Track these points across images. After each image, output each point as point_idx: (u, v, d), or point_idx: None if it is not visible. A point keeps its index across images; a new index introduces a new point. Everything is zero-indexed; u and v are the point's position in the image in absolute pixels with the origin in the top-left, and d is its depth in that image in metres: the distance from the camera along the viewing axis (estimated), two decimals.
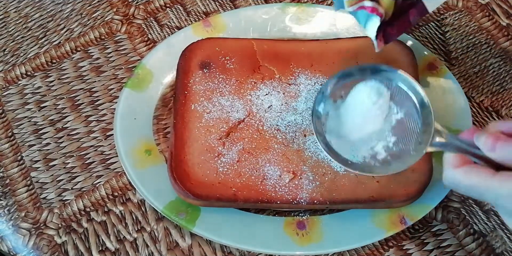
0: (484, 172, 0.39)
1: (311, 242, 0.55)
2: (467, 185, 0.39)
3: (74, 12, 0.72)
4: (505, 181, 0.37)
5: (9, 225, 0.59)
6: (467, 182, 0.39)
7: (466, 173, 0.39)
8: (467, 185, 0.39)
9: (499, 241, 0.57)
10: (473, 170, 0.39)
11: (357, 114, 0.48)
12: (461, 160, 0.40)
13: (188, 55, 0.60)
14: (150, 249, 0.57)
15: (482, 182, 0.38)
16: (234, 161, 0.55)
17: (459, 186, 0.40)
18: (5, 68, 0.68)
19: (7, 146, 0.63)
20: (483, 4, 0.70)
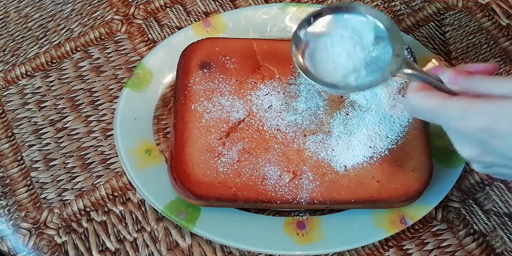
0: (441, 94, 0.41)
1: (311, 242, 0.55)
2: (425, 107, 0.41)
3: (74, 12, 0.72)
4: (457, 102, 0.39)
5: (9, 225, 0.59)
6: (425, 103, 0.41)
7: (425, 95, 0.41)
8: (424, 107, 0.41)
9: (499, 241, 0.57)
10: (432, 93, 0.41)
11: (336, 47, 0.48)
12: (423, 86, 0.42)
13: (188, 55, 0.60)
14: (150, 249, 0.57)
15: (438, 103, 0.40)
16: (234, 161, 0.55)
17: (417, 109, 0.42)
18: (5, 68, 0.68)
19: (7, 146, 0.63)
20: (483, 4, 0.70)
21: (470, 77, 0.41)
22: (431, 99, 0.41)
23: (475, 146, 0.40)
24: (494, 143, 0.38)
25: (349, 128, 0.55)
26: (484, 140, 0.39)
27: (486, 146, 0.39)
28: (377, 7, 0.70)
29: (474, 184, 0.59)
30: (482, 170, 0.43)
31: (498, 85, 0.39)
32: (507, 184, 0.59)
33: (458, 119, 0.39)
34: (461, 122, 0.39)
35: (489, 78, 0.40)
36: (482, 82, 0.40)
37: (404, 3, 0.71)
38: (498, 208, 0.58)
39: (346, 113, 0.56)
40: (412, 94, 0.42)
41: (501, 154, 0.39)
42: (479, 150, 0.40)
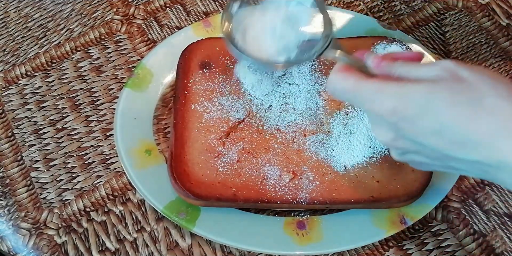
0: (360, 76, 0.41)
1: (311, 242, 0.55)
2: (343, 87, 0.41)
3: (74, 12, 0.72)
4: (371, 83, 0.39)
5: (9, 225, 0.59)
6: (344, 84, 0.41)
7: (345, 76, 0.41)
8: (342, 87, 0.41)
9: (499, 241, 0.57)
10: (351, 74, 0.41)
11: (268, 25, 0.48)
12: (346, 68, 0.42)
13: (188, 55, 0.60)
14: (150, 249, 0.57)
15: (355, 83, 0.40)
16: (234, 161, 0.55)
17: (336, 89, 0.42)
18: (5, 68, 0.68)
19: (7, 146, 0.63)
20: (483, 4, 0.70)
21: (392, 63, 0.41)
22: (349, 79, 0.41)
23: (388, 130, 0.40)
24: (404, 126, 0.38)
25: (349, 128, 0.55)
26: (395, 124, 0.38)
27: (398, 131, 0.39)
28: (377, 7, 0.70)
29: (474, 184, 0.59)
30: (399, 158, 0.43)
31: (415, 70, 0.39)
32: None
33: (371, 100, 0.39)
34: (373, 103, 0.39)
35: (409, 63, 0.40)
36: (402, 67, 0.40)
37: (404, 3, 0.71)
38: (498, 208, 0.58)
39: (346, 113, 0.56)
40: (334, 74, 0.42)
41: (412, 139, 0.39)
42: (392, 134, 0.40)
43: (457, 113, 0.36)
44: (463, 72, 0.37)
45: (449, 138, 0.36)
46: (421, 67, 0.39)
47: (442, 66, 0.38)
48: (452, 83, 0.37)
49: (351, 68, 0.42)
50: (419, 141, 0.38)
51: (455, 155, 0.37)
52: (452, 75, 0.37)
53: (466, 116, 0.35)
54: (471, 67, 0.38)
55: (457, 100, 0.36)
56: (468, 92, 0.36)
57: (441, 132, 0.36)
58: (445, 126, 0.36)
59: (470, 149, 0.36)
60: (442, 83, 0.37)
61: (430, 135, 0.37)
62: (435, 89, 0.37)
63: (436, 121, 0.36)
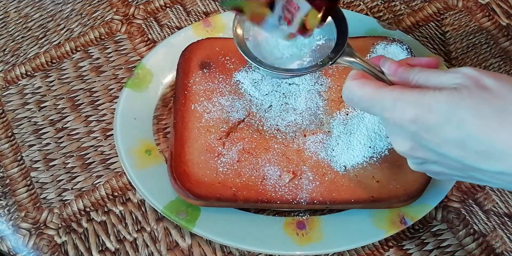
0: (378, 84, 0.40)
1: (311, 242, 0.55)
2: (360, 95, 0.40)
3: (74, 12, 0.72)
4: (390, 91, 0.39)
5: (9, 225, 0.59)
6: (361, 92, 0.40)
7: (362, 83, 0.41)
8: (360, 95, 0.40)
9: (499, 241, 0.57)
10: (369, 82, 0.41)
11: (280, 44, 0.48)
12: (363, 75, 0.42)
13: (188, 55, 0.60)
14: (150, 249, 0.57)
15: (373, 92, 0.40)
16: (234, 161, 0.55)
17: (353, 98, 0.41)
18: (5, 68, 0.68)
19: (7, 146, 0.63)
20: (483, 4, 0.70)
21: (410, 69, 0.40)
22: (366, 87, 0.40)
23: (407, 139, 0.39)
24: (425, 136, 0.37)
25: (349, 128, 0.55)
26: (416, 133, 0.37)
27: (417, 140, 0.38)
28: (377, 7, 0.70)
29: (474, 184, 0.59)
30: (416, 167, 0.42)
31: (435, 77, 0.38)
32: None
33: (390, 109, 0.38)
34: (392, 112, 0.38)
35: (428, 70, 0.40)
36: (421, 74, 0.39)
37: (404, 3, 0.71)
38: (498, 208, 0.58)
39: (346, 113, 0.56)
40: (350, 81, 0.42)
41: (432, 149, 0.38)
42: (411, 144, 0.39)
43: (483, 122, 0.35)
44: (486, 80, 0.36)
45: (473, 148, 0.35)
46: (442, 74, 0.38)
47: (464, 74, 0.37)
48: (476, 92, 0.36)
49: (367, 75, 0.42)
50: (440, 151, 0.37)
51: (479, 166, 0.36)
52: (475, 83, 0.36)
53: (492, 126, 0.34)
54: (494, 75, 0.37)
55: (482, 109, 0.35)
56: (493, 100, 0.35)
57: (465, 142, 0.35)
58: (469, 136, 0.35)
59: (495, 159, 0.35)
60: (465, 92, 0.36)
61: (453, 145, 0.36)
62: (459, 98, 0.36)
63: (460, 131, 0.35)
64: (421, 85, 0.39)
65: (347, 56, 0.45)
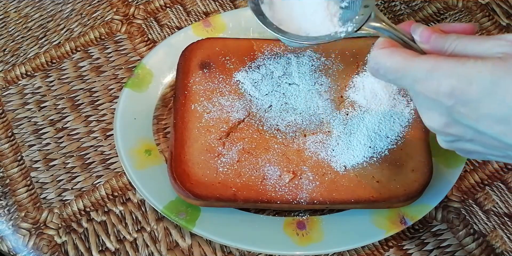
0: (408, 53, 0.36)
1: (311, 242, 0.55)
2: (388, 66, 0.37)
3: (74, 12, 0.72)
4: (423, 61, 0.35)
5: (9, 225, 0.59)
6: (389, 62, 0.37)
7: (391, 52, 0.37)
8: (387, 65, 0.37)
9: (499, 241, 0.57)
10: (398, 51, 0.37)
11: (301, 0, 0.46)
12: (391, 43, 0.38)
13: (188, 55, 0.60)
14: (150, 249, 0.57)
15: (403, 61, 0.36)
16: (234, 161, 0.55)
17: (380, 68, 0.38)
18: (5, 68, 0.68)
19: (7, 146, 0.63)
20: (483, 4, 0.70)
21: (445, 36, 0.37)
22: (395, 56, 0.36)
23: (441, 114, 0.35)
24: (462, 111, 0.34)
25: (349, 128, 0.55)
26: (452, 108, 0.34)
27: (454, 115, 0.35)
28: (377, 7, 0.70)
29: (474, 184, 0.59)
30: (447, 145, 0.39)
31: (474, 45, 0.34)
32: (507, 184, 0.59)
33: (423, 80, 0.35)
34: (426, 84, 0.35)
35: (466, 37, 0.36)
36: (458, 41, 0.35)
37: (404, 3, 0.71)
38: (498, 208, 0.58)
39: (346, 113, 0.56)
40: (377, 50, 0.38)
41: (469, 126, 0.34)
42: (445, 119, 0.35)
43: None
44: None
45: None
46: (483, 41, 0.34)
47: (510, 41, 0.33)
48: None
49: (395, 43, 0.38)
50: (479, 128, 0.34)
51: None
52: None
53: None
54: None
55: None
56: None
57: (509, 118, 0.32)
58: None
59: None
60: None
61: (494, 121, 0.33)
62: (505, 68, 0.32)
63: (504, 105, 0.32)
64: (458, 54, 0.35)
65: (373, 22, 0.40)
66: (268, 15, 0.45)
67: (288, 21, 0.46)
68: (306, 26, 0.45)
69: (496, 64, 0.32)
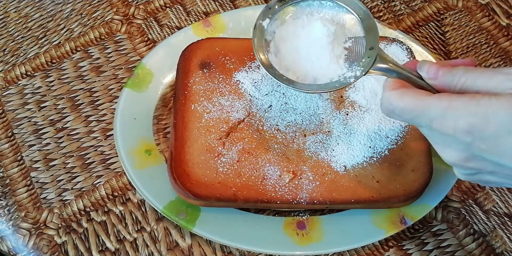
0: (420, 93, 0.37)
1: (311, 242, 0.55)
2: (402, 107, 0.37)
3: (74, 12, 0.72)
4: (438, 100, 0.35)
5: (9, 225, 0.59)
6: (402, 103, 0.37)
7: (402, 93, 0.37)
8: (401, 107, 0.37)
9: (499, 241, 0.57)
10: (409, 91, 0.37)
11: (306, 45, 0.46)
12: (400, 83, 0.39)
13: (188, 55, 0.60)
14: (150, 249, 0.57)
15: (416, 102, 0.36)
16: (234, 161, 0.55)
17: (394, 110, 0.38)
18: (5, 68, 0.68)
19: (7, 146, 0.63)
20: (483, 4, 0.70)
21: (452, 70, 0.37)
22: (408, 97, 0.37)
23: (460, 150, 0.36)
24: (482, 147, 0.34)
25: (349, 128, 0.55)
26: (471, 144, 0.35)
27: (473, 151, 0.35)
28: (377, 7, 0.70)
29: (474, 184, 0.59)
30: (467, 178, 0.39)
31: (484, 80, 0.35)
32: None
33: (439, 119, 0.35)
34: (443, 122, 0.35)
35: (473, 70, 0.36)
36: (466, 75, 0.36)
37: (404, 3, 0.71)
38: (498, 208, 0.58)
39: (346, 113, 0.56)
40: (388, 92, 0.38)
41: (490, 160, 0.35)
42: (464, 155, 0.36)
43: None
44: None
45: None
46: (491, 75, 0.35)
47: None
48: None
49: (405, 83, 0.38)
50: (501, 162, 0.34)
51: None
52: None
53: None
54: None
55: None
56: None
57: None
58: None
59: None
60: None
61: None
62: None
63: None
64: (469, 89, 0.35)
65: (380, 63, 0.41)
66: (274, 63, 0.46)
67: (295, 67, 0.46)
68: (313, 70, 0.46)
69: (509, 101, 0.33)
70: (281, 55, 0.47)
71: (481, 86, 0.35)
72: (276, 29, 0.48)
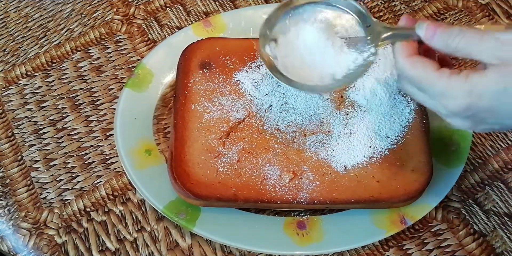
0: (429, 65, 0.40)
1: (311, 242, 0.55)
2: (411, 76, 0.41)
3: (74, 12, 0.72)
4: (439, 78, 0.39)
5: (9, 225, 0.59)
6: (412, 72, 0.40)
7: (413, 63, 0.41)
8: (410, 75, 0.41)
9: (499, 241, 0.57)
10: (419, 62, 0.40)
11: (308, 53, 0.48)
12: (411, 50, 0.41)
13: (188, 55, 0.60)
14: (150, 249, 0.57)
15: (424, 75, 0.40)
16: (234, 161, 0.55)
17: (406, 76, 0.41)
18: (5, 68, 0.68)
19: (7, 146, 0.63)
20: (483, 4, 0.70)
21: (448, 30, 0.39)
22: (419, 69, 0.40)
23: (465, 120, 0.40)
24: (483, 115, 0.39)
25: (349, 128, 0.55)
26: (472, 115, 0.39)
27: (476, 119, 0.39)
28: (377, 7, 0.70)
29: (474, 184, 0.59)
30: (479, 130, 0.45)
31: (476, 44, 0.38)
32: (507, 184, 0.59)
33: (440, 97, 0.39)
34: (444, 100, 0.39)
35: (467, 31, 0.39)
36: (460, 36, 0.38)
37: (404, 3, 0.71)
38: (498, 208, 0.58)
39: (346, 113, 0.56)
40: (402, 60, 0.41)
41: (493, 122, 0.39)
42: (470, 123, 0.40)
43: None
44: None
45: None
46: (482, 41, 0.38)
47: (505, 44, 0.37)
48: None
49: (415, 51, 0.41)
50: (505, 122, 0.39)
51: None
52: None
53: None
54: None
55: None
56: None
57: None
58: None
59: None
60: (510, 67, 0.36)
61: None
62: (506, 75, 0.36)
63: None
64: (462, 50, 0.39)
65: (383, 34, 0.43)
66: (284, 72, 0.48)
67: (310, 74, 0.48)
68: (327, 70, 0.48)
69: (497, 73, 0.37)
70: (292, 70, 0.48)
71: (473, 50, 0.38)
72: (276, 52, 0.49)
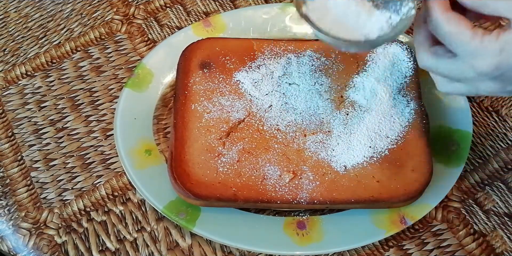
0: (464, 22, 0.41)
1: (311, 242, 0.55)
2: (445, 31, 0.41)
3: (74, 12, 0.72)
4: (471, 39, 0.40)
5: (9, 225, 0.59)
6: (447, 28, 0.41)
7: (449, 19, 0.41)
8: (445, 31, 0.41)
9: (499, 241, 0.57)
10: (455, 18, 0.41)
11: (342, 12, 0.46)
12: (445, 6, 0.42)
13: (188, 55, 0.60)
14: (150, 249, 0.57)
15: (459, 31, 0.40)
16: (234, 161, 0.55)
17: (440, 31, 0.42)
18: (5, 68, 0.68)
19: (7, 146, 0.63)
20: None
21: None
22: (451, 26, 0.41)
23: (495, 81, 0.41)
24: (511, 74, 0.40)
25: (349, 128, 0.55)
26: (501, 75, 0.40)
27: (506, 78, 0.40)
28: None
29: (474, 184, 0.59)
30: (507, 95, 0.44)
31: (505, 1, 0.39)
32: (507, 184, 0.59)
33: (471, 57, 0.40)
34: (474, 61, 0.40)
35: None
36: None
37: None
38: (498, 208, 0.58)
39: (346, 113, 0.56)
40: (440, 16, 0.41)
41: None
42: (500, 84, 0.41)
43: None
44: None
45: None
46: None
47: None
48: None
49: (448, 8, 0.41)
50: None
51: None
52: None
53: None
54: None
55: None
56: None
57: None
58: None
59: None
60: None
61: None
62: None
63: None
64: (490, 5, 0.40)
65: None
66: None
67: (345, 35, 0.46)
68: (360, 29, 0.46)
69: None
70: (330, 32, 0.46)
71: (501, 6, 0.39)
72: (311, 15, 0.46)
